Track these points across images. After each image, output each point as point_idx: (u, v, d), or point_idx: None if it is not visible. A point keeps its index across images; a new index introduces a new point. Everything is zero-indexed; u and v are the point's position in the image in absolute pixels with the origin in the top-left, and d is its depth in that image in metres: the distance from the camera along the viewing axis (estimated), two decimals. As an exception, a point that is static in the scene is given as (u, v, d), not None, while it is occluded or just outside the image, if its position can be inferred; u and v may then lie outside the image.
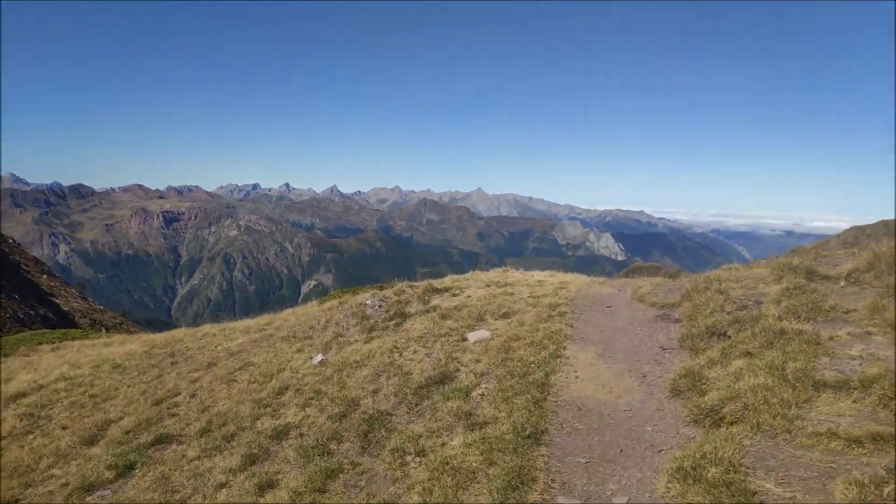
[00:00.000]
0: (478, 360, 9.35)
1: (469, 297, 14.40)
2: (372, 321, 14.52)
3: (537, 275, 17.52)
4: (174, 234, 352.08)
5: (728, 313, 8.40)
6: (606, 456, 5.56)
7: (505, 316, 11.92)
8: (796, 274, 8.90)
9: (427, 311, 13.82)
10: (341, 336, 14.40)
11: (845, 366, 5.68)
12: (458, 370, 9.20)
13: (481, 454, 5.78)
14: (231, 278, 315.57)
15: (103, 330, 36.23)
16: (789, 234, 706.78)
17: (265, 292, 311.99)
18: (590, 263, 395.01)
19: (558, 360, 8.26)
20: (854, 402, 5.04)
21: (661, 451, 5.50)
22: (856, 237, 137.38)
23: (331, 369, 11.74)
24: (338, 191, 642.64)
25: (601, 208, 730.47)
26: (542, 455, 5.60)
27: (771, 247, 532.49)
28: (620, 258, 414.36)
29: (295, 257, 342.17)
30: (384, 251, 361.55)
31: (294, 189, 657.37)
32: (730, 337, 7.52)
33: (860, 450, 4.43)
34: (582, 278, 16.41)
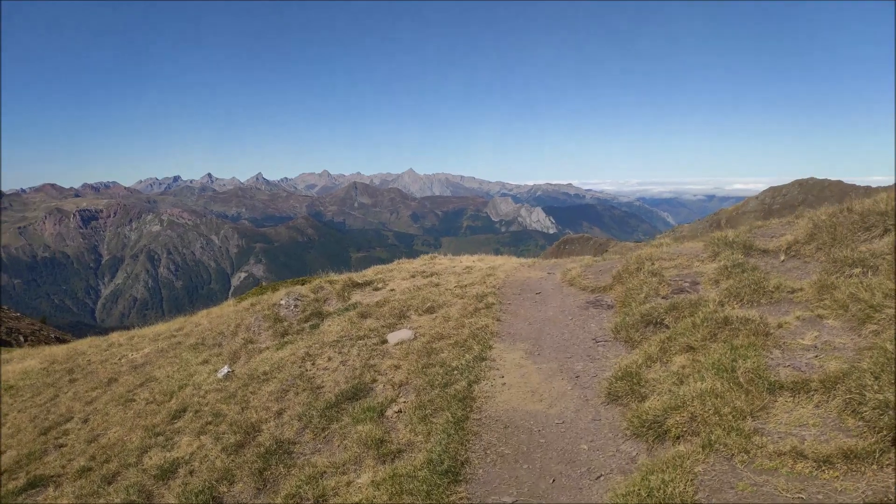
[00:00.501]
0: (397, 367, 8.35)
1: (392, 290, 13.35)
2: (286, 324, 13.27)
3: (466, 260, 16.63)
4: (93, 233, 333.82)
5: (664, 297, 7.69)
6: (536, 490, 4.67)
7: (430, 311, 10.95)
8: (733, 250, 8.29)
9: (346, 310, 12.69)
10: (252, 342, 13.09)
11: (800, 360, 4.96)
12: (374, 381, 8.17)
13: (389, 498, 4.78)
14: (157, 275, 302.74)
15: (14, 343, 33.14)
16: (710, 198, 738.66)
17: (193, 287, 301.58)
18: (523, 238, 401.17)
19: (484, 363, 7.34)
20: (816, 406, 4.31)
21: (599, 477, 4.66)
22: (772, 197, 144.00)
23: (236, 384, 10.53)
24: (263, 178, 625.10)
25: (531, 183, 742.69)
26: (461, 497, 4.65)
27: (694, 211, 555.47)
28: (552, 231, 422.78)
29: (222, 249, 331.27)
30: (316, 238, 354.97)
31: (217, 179, 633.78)
32: (668, 326, 6.79)
33: (831, 472, 3.68)
34: (511, 261, 15.61)
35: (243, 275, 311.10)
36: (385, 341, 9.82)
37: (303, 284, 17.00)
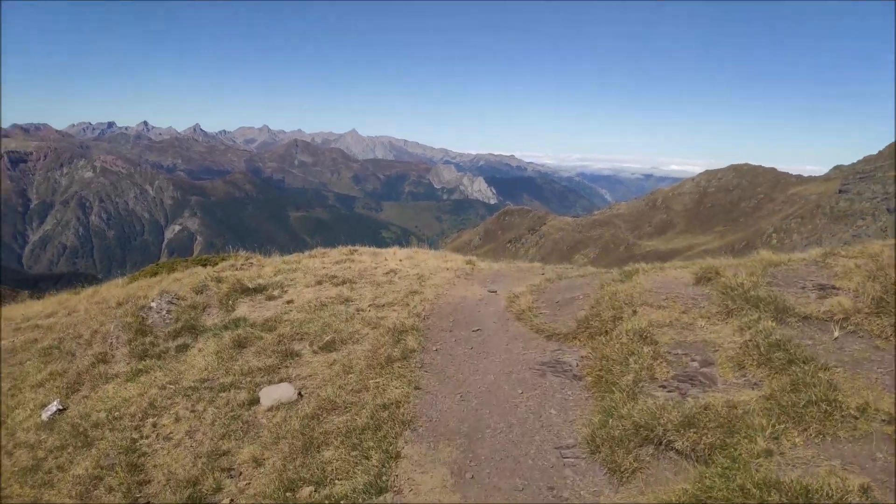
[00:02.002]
0: (258, 463, 5.50)
1: (290, 302, 10.33)
2: (149, 339, 10.15)
3: (391, 259, 13.61)
4: (22, 177, 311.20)
5: (663, 386, 5.08)
6: None
7: (328, 348, 8.05)
8: (758, 310, 5.71)
9: (226, 328, 9.65)
10: (104, 362, 9.95)
11: None
12: (219, 488, 5.29)
13: None
14: (88, 223, 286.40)
15: None
16: (648, 177, 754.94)
17: (126, 238, 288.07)
18: (465, 207, 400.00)
19: (381, 498, 4.53)
20: None
21: None
22: (708, 181, 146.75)
23: (52, 440, 7.54)
24: (201, 130, 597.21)
25: (474, 152, 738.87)
26: None
27: (632, 189, 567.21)
28: (493, 202, 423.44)
29: (157, 200, 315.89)
30: (254, 194, 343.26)
31: (153, 128, 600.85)
32: (680, 454, 4.17)
33: None
34: (446, 265, 12.71)
35: (177, 227, 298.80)
36: (256, 400, 6.89)
37: (204, 266, 14.40)
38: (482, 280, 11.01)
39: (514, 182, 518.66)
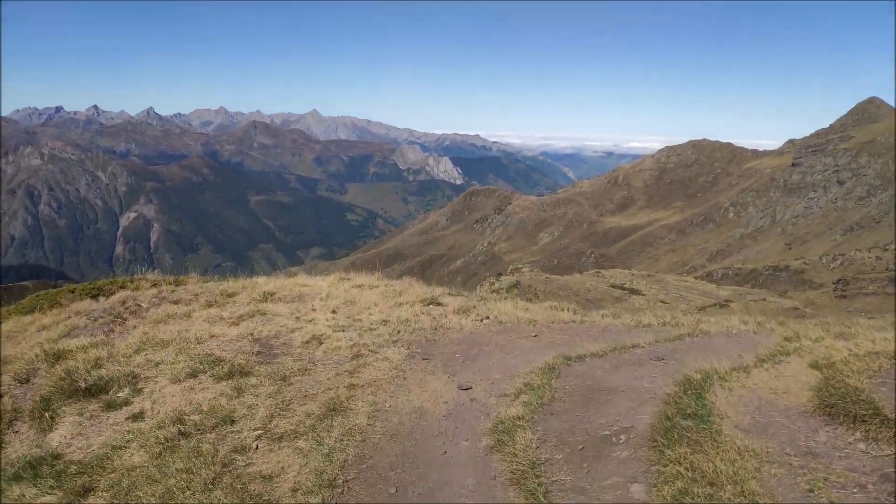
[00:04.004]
0: None
1: (138, 417, 6.42)
2: None
3: (321, 308, 9.76)
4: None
5: None
6: None
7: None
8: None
9: (18, 478, 5.51)
10: None
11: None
12: None
13: None
14: (37, 212, 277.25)
15: None
16: (609, 154, 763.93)
17: (78, 227, 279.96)
18: (430, 188, 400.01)
19: None
20: None
21: None
22: (667, 157, 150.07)
23: None
24: (155, 113, 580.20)
25: (439, 132, 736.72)
26: None
27: (594, 167, 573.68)
28: (459, 182, 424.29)
29: (110, 187, 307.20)
30: (212, 178, 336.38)
31: (104, 112, 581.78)
32: None
33: None
34: (402, 312, 9.53)
35: (133, 215, 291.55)
36: None
37: (96, 297, 10.98)
38: (448, 357, 7.67)
39: (479, 162, 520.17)
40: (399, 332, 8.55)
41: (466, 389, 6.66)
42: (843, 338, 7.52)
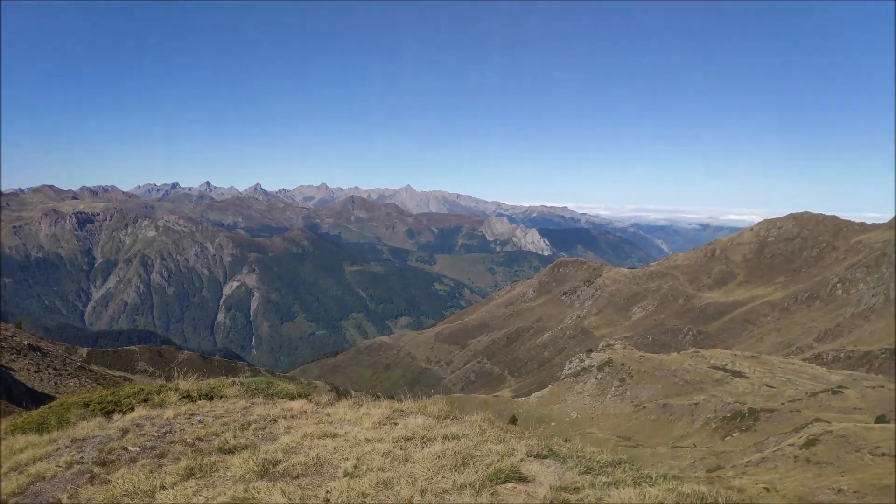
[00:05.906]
0: None
1: None
2: None
3: (338, 498, 5.15)
4: (88, 236, 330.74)
5: None
6: None
7: None
8: None
9: None
10: None
11: None
12: None
13: None
14: (149, 280, 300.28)
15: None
16: (705, 227, 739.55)
17: (185, 295, 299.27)
18: (517, 259, 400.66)
19: None
20: None
21: None
22: (767, 230, 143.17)
23: None
24: (261, 189, 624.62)
25: (527, 204, 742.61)
26: None
27: (689, 240, 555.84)
28: (546, 253, 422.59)
29: (216, 258, 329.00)
30: (311, 250, 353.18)
31: (215, 188, 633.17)
32: None
33: None
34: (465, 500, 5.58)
35: (235, 283, 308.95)
36: None
37: (109, 414, 8.66)
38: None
39: (567, 233, 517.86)
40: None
41: None
42: None
